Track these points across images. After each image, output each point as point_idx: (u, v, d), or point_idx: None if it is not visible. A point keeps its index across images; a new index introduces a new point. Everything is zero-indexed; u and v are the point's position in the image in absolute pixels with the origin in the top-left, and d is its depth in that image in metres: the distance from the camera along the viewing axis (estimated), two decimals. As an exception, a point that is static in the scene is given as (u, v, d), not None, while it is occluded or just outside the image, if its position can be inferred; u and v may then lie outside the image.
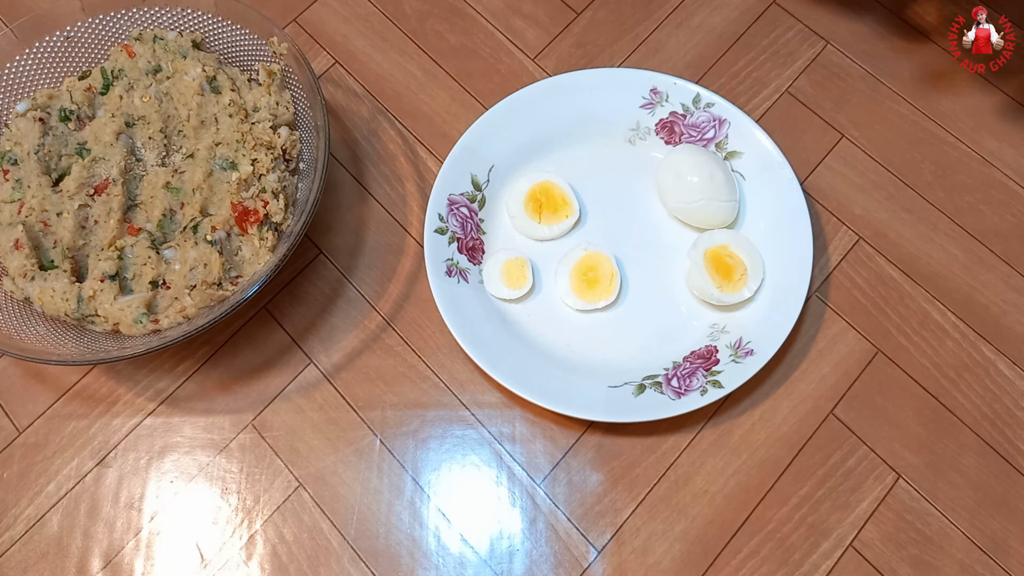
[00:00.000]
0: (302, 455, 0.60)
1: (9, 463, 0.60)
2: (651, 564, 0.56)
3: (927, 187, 0.66)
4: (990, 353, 0.61)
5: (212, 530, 0.58)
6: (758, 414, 0.60)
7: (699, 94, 0.65)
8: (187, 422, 0.61)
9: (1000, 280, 0.63)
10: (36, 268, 0.58)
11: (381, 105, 0.71)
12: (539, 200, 0.64)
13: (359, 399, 0.61)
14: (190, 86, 0.63)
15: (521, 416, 0.61)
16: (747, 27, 0.72)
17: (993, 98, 0.69)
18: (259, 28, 0.64)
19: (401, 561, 0.57)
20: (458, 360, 0.62)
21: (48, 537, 0.58)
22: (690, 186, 0.62)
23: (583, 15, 0.73)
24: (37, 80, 0.65)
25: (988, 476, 0.58)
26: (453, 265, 0.62)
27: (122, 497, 0.59)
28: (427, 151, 0.69)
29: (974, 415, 0.59)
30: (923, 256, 0.64)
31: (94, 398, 0.62)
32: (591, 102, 0.66)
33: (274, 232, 0.60)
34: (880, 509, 0.57)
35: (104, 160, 0.61)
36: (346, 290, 0.65)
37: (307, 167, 0.63)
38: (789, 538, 0.57)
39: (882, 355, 0.61)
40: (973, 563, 0.56)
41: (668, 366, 0.59)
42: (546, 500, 0.58)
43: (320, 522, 0.58)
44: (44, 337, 0.57)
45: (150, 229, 0.60)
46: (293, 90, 0.64)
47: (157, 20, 0.66)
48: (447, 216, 0.63)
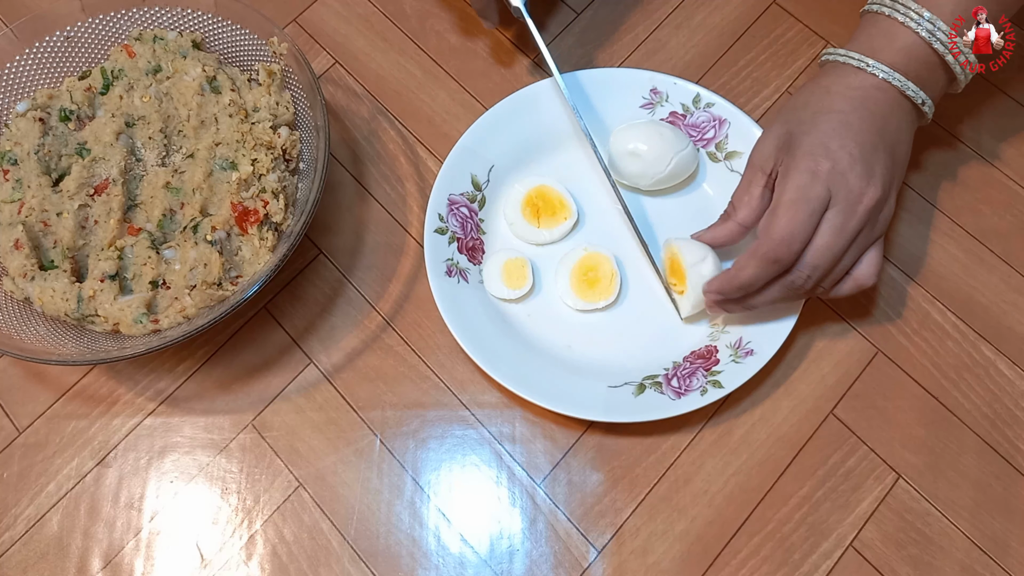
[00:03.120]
0: (302, 455, 0.60)
1: (9, 463, 0.60)
2: (651, 564, 0.56)
3: (928, 187, 0.66)
4: (990, 353, 0.61)
5: (212, 530, 0.58)
6: (758, 414, 0.60)
7: (699, 94, 0.65)
8: (187, 422, 0.61)
9: (1000, 280, 0.63)
10: (36, 268, 0.58)
11: (381, 105, 0.71)
12: (536, 205, 0.64)
13: (359, 399, 0.61)
14: (190, 86, 0.63)
15: (521, 416, 0.61)
16: (747, 27, 0.72)
17: (993, 98, 0.69)
18: (259, 28, 0.64)
19: (401, 561, 0.57)
20: (458, 360, 0.62)
21: (48, 537, 0.58)
22: (647, 155, 0.62)
23: (583, 15, 0.73)
24: (37, 80, 0.65)
25: (988, 476, 0.58)
26: (453, 265, 0.62)
27: (122, 497, 0.59)
28: (427, 151, 0.69)
29: (974, 415, 0.59)
30: (923, 256, 0.64)
31: (94, 398, 0.62)
32: (591, 102, 0.66)
33: (274, 232, 0.60)
34: (880, 509, 0.57)
35: (104, 160, 0.61)
36: (346, 290, 0.65)
37: (307, 167, 0.63)
38: (789, 538, 0.57)
39: (882, 355, 0.61)
40: (973, 563, 0.56)
41: (668, 366, 0.59)
42: (546, 500, 0.58)
43: (320, 522, 0.58)
44: (44, 337, 0.57)
45: (150, 229, 0.60)
46: (293, 90, 0.64)
47: (157, 20, 0.66)
48: (447, 216, 0.63)
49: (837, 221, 0.52)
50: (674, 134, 0.63)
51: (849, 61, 0.55)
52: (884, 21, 0.55)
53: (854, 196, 0.52)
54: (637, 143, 0.62)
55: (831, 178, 0.52)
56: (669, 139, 0.62)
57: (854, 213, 0.52)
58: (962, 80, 0.56)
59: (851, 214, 0.52)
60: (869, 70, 0.54)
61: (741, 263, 0.54)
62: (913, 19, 0.53)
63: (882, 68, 0.54)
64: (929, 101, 0.55)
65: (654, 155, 0.62)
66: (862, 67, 0.54)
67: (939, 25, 0.52)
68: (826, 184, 0.52)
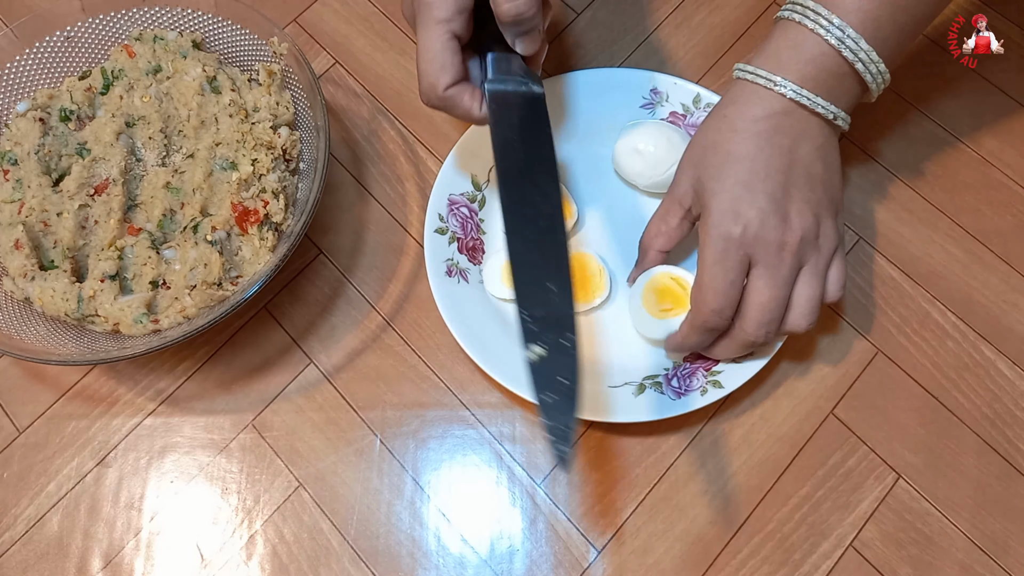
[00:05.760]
0: (302, 455, 0.60)
1: (9, 463, 0.60)
2: (651, 564, 0.56)
3: (928, 187, 0.66)
4: (990, 353, 0.61)
5: (212, 530, 0.58)
6: (758, 414, 0.60)
7: (699, 94, 0.65)
8: (187, 422, 0.61)
9: (1000, 280, 0.63)
10: (36, 268, 0.58)
11: (381, 105, 0.71)
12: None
13: (359, 399, 0.61)
14: (190, 86, 0.63)
15: (521, 416, 0.61)
16: (747, 27, 0.73)
17: (993, 98, 0.69)
18: (259, 28, 0.64)
19: (401, 561, 0.57)
20: (458, 360, 0.62)
21: (48, 537, 0.58)
22: (650, 156, 0.62)
23: (583, 15, 0.73)
24: (37, 80, 0.65)
25: (988, 476, 0.58)
26: (453, 265, 0.62)
27: (122, 497, 0.59)
28: (427, 151, 0.69)
29: (974, 415, 0.59)
30: (923, 256, 0.64)
31: (94, 398, 0.62)
32: (591, 102, 0.66)
33: (274, 232, 0.60)
34: (880, 509, 0.57)
35: (104, 160, 0.61)
36: (346, 290, 0.65)
37: (307, 167, 0.63)
38: (789, 538, 0.57)
39: (882, 355, 0.61)
40: (973, 563, 0.56)
41: (668, 366, 0.59)
42: (546, 500, 0.58)
43: (320, 522, 0.58)
44: (44, 337, 0.57)
45: (150, 229, 0.60)
46: (293, 90, 0.64)
47: (157, 20, 0.66)
48: (447, 216, 0.63)
49: (766, 275, 0.52)
50: (682, 140, 0.62)
51: (757, 80, 0.53)
52: (794, 29, 0.52)
53: (774, 248, 0.51)
54: (646, 143, 0.62)
55: (744, 242, 0.51)
56: (677, 145, 0.62)
57: (782, 261, 0.52)
58: (875, 89, 0.54)
59: (779, 263, 0.52)
60: (776, 89, 0.52)
61: (684, 331, 0.55)
62: (823, 25, 0.51)
63: (791, 87, 0.52)
64: (842, 114, 0.53)
65: (657, 157, 0.62)
66: (769, 87, 0.52)
67: (848, 32, 0.50)
68: (741, 249, 0.51)
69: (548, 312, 0.47)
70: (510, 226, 0.50)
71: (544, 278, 0.49)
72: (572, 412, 0.45)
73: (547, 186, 0.52)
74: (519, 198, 0.51)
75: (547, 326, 0.47)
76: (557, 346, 0.46)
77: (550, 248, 0.50)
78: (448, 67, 0.52)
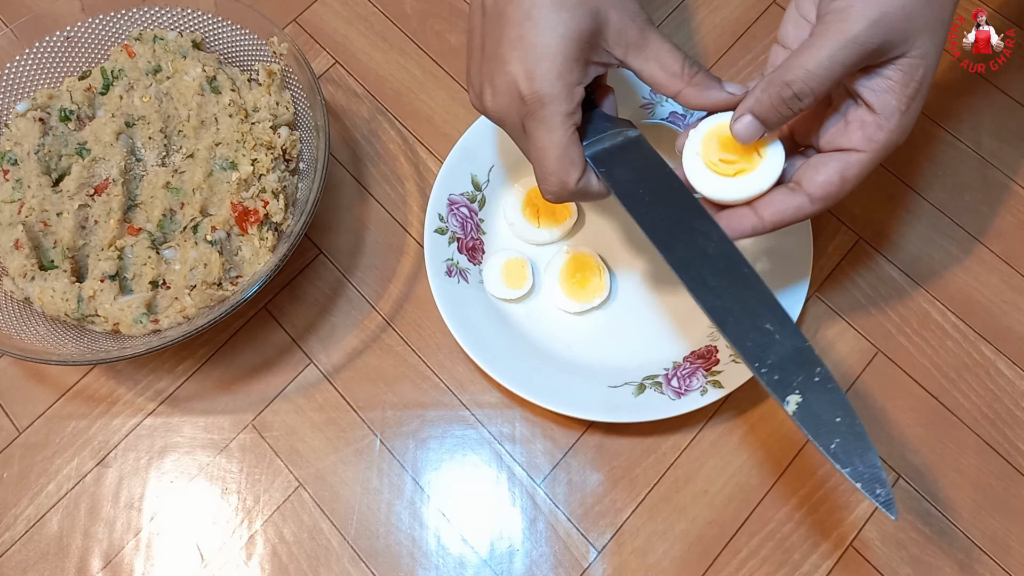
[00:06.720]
0: (302, 455, 0.60)
1: (9, 463, 0.60)
2: (651, 564, 0.56)
3: (927, 187, 0.66)
4: (990, 353, 0.61)
5: (212, 530, 0.58)
6: (758, 414, 0.60)
7: (699, 94, 0.65)
8: (187, 422, 0.61)
9: (1000, 280, 0.63)
10: (36, 268, 0.58)
11: (381, 105, 0.71)
12: (536, 205, 0.64)
13: (359, 399, 0.61)
14: (190, 86, 0.63)
15: (521, 416, 0.61)
16: (747, 27, 0.72)
17: (993, 98, 0.69)
18: (259, 28, 0.64)
19: (401, 561, 0.57)
20: (458, 360, 0.62)
21: (48, 537, 0.58)
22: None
23: (583, 15, 0.73)
24: (37, 80, 0.65)
25: (988, 476, 0.58)
26: (453, 265, 0.62)
27: (122, 497, 0.59)
28: (427, 151, 0.69)
29: (974, 415, 0.59)
30: (923, 256, 0.64)
31: (94, 398, 0.62)
32: (591, 102, 0.66)
33: (274, 232, 0.60)
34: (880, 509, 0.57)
35: (104, 160, 0.61)
36: (346, 290, 0.65)
37: (307, 167, 0.63)
38: (789, 538, 0.57)
39: (882, 355, 0.61)
40: (973, 563, 0.56)
41: (668, 366, 0.59)
42: (546, 500, 0.58)
43: (320, 522, 0.58)
44: (44, 337, 0.57)
45: (150, 229, 0.60)
46: (293, 90, 0.64)
47: (157, 20, 0.66)
48: (447, 216, 0.63)
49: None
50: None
51: None
52: None
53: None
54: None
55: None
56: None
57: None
58: None
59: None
60: None
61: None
62: None
63: None
64: None
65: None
66: None
67: None
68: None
69: (780, 355, 0.43)
70: (691, 285, 0.46)
71: (756, 321, 0.44)
72: (868, 449, 0.41)
73: (697, 221, 0.47)
74: (684, 254, 0.47)
75: (788, 370, 0.43)
76: (811, 387, 0.42)
77: (742, 286, 0.45)
78: (577, 161, 0.49)
